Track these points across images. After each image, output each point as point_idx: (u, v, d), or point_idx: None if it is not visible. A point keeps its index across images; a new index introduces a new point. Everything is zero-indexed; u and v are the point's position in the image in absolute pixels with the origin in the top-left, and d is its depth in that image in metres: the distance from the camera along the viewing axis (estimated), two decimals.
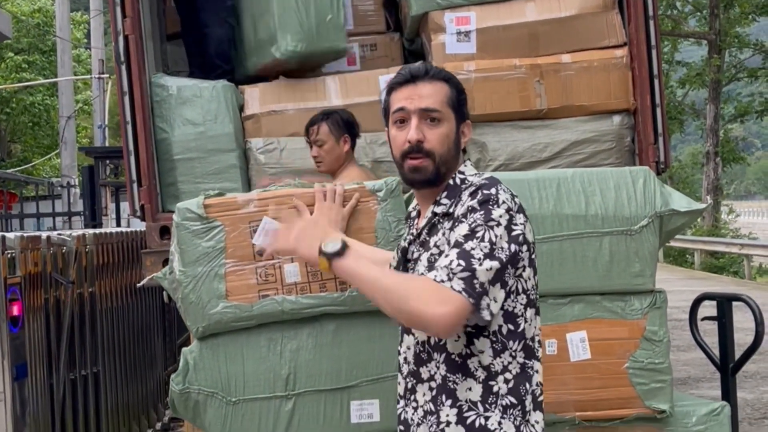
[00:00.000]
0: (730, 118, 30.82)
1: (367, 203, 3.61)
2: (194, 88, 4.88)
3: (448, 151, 2.63)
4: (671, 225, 3.94)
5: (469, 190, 2.56)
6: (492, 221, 2.43)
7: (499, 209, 2.46)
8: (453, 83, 2.70)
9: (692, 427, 3.95)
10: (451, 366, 2.50)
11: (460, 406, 2.48)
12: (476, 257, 2.37)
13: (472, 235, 2.40)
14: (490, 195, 2.48)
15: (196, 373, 3.54)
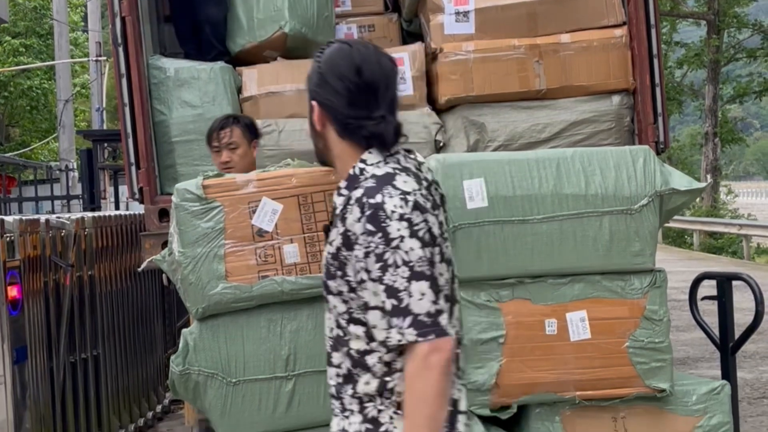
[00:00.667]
0: (728, 99, 30.76)
1: None
2: (192, 69, 4.86)
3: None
4: (671, 204, 3.94)
5: (356, 193, 2.38)
6: (393, 240, 2.30)
7: (393, 222, 2.31)
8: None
9: (692, 406, 3.95)
10: (353, 360, 2.44)
11: (359, 398, 2.44)
12: (401, 290, 2.28)
13: (386, 266, 2.29)
14: (376, 209, 2.32)
15: (196, 354, 3.54)
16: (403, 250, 2.30)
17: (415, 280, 2.29)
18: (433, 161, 3.89)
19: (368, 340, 2.42)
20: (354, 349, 2.44)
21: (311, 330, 3.55)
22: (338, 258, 2.40)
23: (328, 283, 2.45)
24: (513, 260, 3.84)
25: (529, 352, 3.83)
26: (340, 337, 2.46)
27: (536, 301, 3.87)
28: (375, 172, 2.42)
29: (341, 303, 2.44)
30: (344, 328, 2.45)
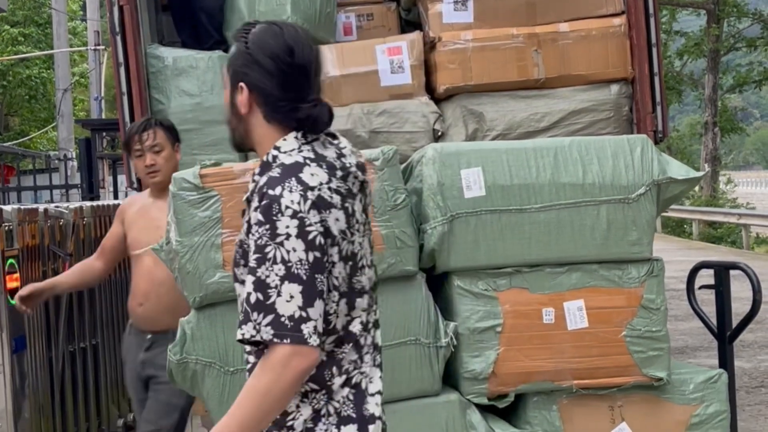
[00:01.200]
0: (728, 88, 30.74)
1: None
2: (190, 59, 4.86)
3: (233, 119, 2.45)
4: (669, 193, 3.94)
5: (261, 181, 2.31)
6: (279, 236, 2.20)
7: (284, 218, 2.21)
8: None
9: (689, 395, 3.96)
10: (258, 356, 2.32)
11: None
12: (272, 286, 2.19)
13: (264, 259, 2.20)
14: (272, 201, 2.23)
15: (194, 343, 3.54)
16: (285, 249, 2.20)
17: (288, 281, 2.19)
18: (431, 150, 3.89)
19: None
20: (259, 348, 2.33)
21: None
22: (243, 246, 2.34)
23: (234, 271, 2.41)
24: (510, 249, 3.85)
25: (527, 341, 3.84)
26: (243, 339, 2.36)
27: (534, 290, 3.87)
28: (284, 161, 2.33)
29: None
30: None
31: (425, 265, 3.85)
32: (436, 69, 4.83)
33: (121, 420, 7.02)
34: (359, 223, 2.37)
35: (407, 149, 4.71)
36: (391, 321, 3.57)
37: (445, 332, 3.74)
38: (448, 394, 3.82)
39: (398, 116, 4.81)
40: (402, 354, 3.65)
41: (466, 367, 3.81)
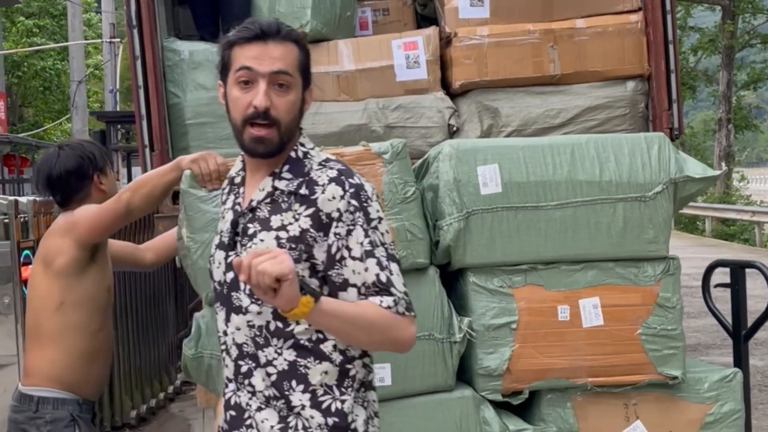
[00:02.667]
0: (742, 85, 30.65)
1: (374, 165, 3.64)
2: (206, 52, 4.86)
3: (293, 121, 2.40)
4: (685, 191, 3.93)
5: (327, 173, 2.36)
6: (373, 221, 2.33)
7: (373, 203, 2.36)
8: (302, 45, 2.44)
9: (704, 394, 3.95)
10: (302, 350, 2.35)
11: (313, 391, 2.35)
12: (384, 266, 2.31)
13: (372, 242, 2.31)
14: (358, 188, 2.34)
15: (209, 338, 3.55)
16: (380, 232, 2.34)
17: (392, 261, 2.33)
18: (447, 147, 3.89)
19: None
20: (304, 339, 2.35)
21: None
22: (303, 241, 2.31)
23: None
24: (526, 246, 3.84)
25: (542, 338, 3.83)
26: (279, 330, 2.36)
27: (549, 288, 3.86)
28: (327, 156, 2.45)
29: None
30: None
31: (440, 262, 3.84)
32: (452, 64, 4.82)
33: (135, 411, 7.06)
34: None
35: (422, 144, 4.71)
36: None
37: (459, 327, 3.74)
38: (462, 389, 3.82)
39: (413, 111, 4.81)
40: (415, 349, 3.61)
41: (481, 363, 3.80)
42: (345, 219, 2.30)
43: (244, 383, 2.41)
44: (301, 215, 2.33)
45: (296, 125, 2.42)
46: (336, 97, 4.84)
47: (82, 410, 3.55)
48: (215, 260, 2.50)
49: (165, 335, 7.94)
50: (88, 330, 3.55)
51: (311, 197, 2.33)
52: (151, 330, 7.54)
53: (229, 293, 2.43)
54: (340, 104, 4.83)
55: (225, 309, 2.46)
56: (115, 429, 6.89)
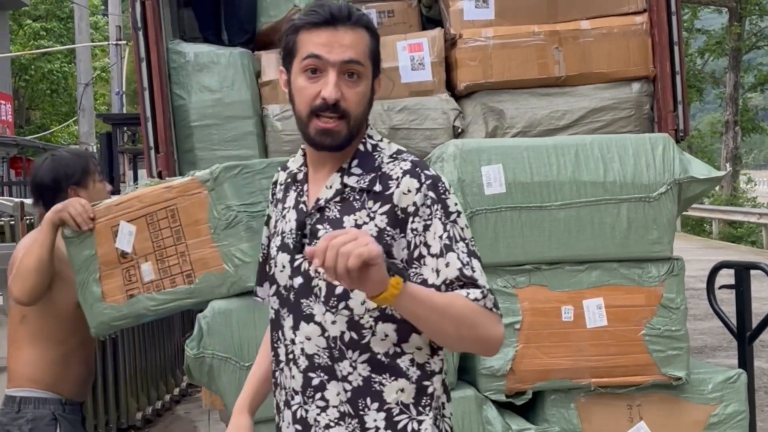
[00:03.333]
0: (749, 87, 30.59)
1: (200, 194, 3.66)
2: (211, 54, 4.87)
3: (363, 113, 2.23)
4: (690, 192, 3.93)
5: (400, 166, 2.20)
6: (452, 214, 2.15)
7: (451, 196, 2.18)
8: (373, 31, 2.27)
9: (708, 395, 3.95)
10: (377, 366, 2.17)
11: (389, 410, 2.17)
12: (465, 263, 2.11)
13: (450, 237, 2.12)
14: (435, 181, 2.17)
15: (210, 338, 3.57)
16: (460, 226, 2.16)
17: (473, 257, 2.13)
18: (452, 147, 3.89)
19: (398, 339, 2.18)
20: (380, 353, 2.17)
21: None
22: (381, 240, 2.12)
23: None
24: (530, 246, 3.85)
25: (545, 339, 3.84)
26: (354, 341, 2.18)
27: (553, 288, 3.87)
28: (399, 147, 2.28)
29: None
30: (368, 328, 2.17)
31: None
32: (457, 66, 4.83)
33: (140, 413, 7.07)
34: None
35: (427, 146, 4.71)
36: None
37: None
38: (464, 389, 3.83)
39: (418, 113, 4.81)
40: None
41: (484, 363, 3.81)
42: (422, 213, 2.13)
43: (314, 397, 2.22)
44: (376, 213, 2.16)
45: (365, 117, 2.25)
46: None
47: (66, 410, 3.63)
48: (278, 263, 2.32)
49: (170, 337, 7.96)
50: (57, 338, 3.66)
51: (386, 193, 2.16)
52: (156, 332, 7.55)
53: (297, 299, 2.24)
54: None
55: (293, 316, 2.26)
56: (121, 431, 6.90)
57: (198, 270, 3.61)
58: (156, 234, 3.64)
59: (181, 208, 3.63)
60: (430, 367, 2.22)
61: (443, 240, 2.11)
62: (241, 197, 3.69)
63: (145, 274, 3.64)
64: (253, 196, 3.69)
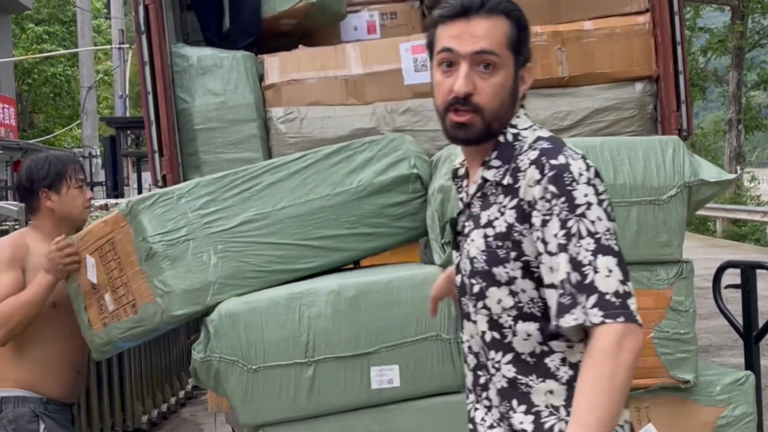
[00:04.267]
0: (752, 85, 30.55)
1: (125, 227, 3.66)
2: (214, 57, 4.87)
3: (502, 105, 2.14)
4: (700, 195, 3.91)
5: (528, 156, 2.08)
6: (579, 207, 1.98)
7: (581, 186, 2.00)
8: (514, 17, 2.18)
9: (716, 396, 3.93)
10: (523, 366, 2.08)
11: (537, 412, 2.06)
12: (585, 263, 1.95)
13: (569, 234, 1.97)
14: (560, 170, 2.01)
15: (217, 341, 3.55)
16: (589, 219, 1.98)
17: (602, 254, 1.96)
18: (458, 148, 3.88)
19: (543, 338, 2.07)
20: (525, 353, 2.08)
21: (330, 316, 3.54)
22: (510, 237, 2.06)
23: (493, 272, 2.09)
24: None
25: None
26: (496, 341, 2.11)
27: None
28: (540, 134, 2.16)
29: (508, 296, 2.09)
30: (508, 328, 2.09)
31: (446, 263, 3.82)
32: None
33: (146, 416, 7.07)
34: None
35: (431, 147, 4.70)
36: (411, 317, 3.57)
37: None
38: None
39: (422, 114, 4.80)
40: (424, 350, 3.64)
41: None
42: (540, 207, 2.01)
43: (482, 396, 2.18)
44: (506, 208, 2.08)
45: (507, 109, 2.16)
46: (344, 101, 4.85)
47: (48, 409, 3.66)
48: (453, 260, 2.31)
49: (176, 340, 7.95)
50: (37, 339, 3.69)
51: (515, 186, 2.08)
52: (161, 335, 7.54)
53: (460, 297, 2.24)
54: (349, 108, 4.83)
55: (461, 314, 2.27)
56: None
57: (138, 300, 3.65)
58: (107, 266, 3.70)
59: (117, 241, 3.66)
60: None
61: (558, 238, 1.98)
62: (158, 227, 3.62)
63: (108, 303, 3.71)
64: (174, 222, 3.63)
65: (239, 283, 3.63)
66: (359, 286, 3.59)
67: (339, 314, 3.55)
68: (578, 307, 1.94)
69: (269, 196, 3.74)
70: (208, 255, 3.61)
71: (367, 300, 3.57)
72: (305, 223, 3.73)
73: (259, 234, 3.68)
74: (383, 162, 3.88)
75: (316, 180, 3.81)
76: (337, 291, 3.57)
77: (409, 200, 3.90)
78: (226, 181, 3.74)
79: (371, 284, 3.60)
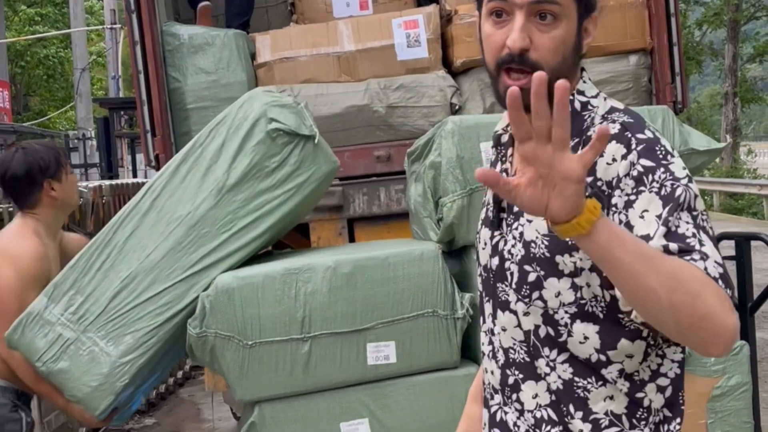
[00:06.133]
0: (748, 58, 30.51)
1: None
2: (206, 35, 4.85)
3: (563, 62, 1.81)
4: (690, 164, 3.90)
5: (612, 129, 1.75)
6: (683, 179, 1.69)
7: (676, 159, 1.72)
8: None
9: (711, 367, 3.94)
10: (580, 367, 1.80)
11: (595, 420, 1.80)
12: (689, 236, 1.63)
13: (676, 205, 1.65)
14: (653, 143, 1.73)
15: (213, 317, 3.54)
16: (693, 193, 1.68)
17: (702, 231, 1.65)
18: (450, 123, 3.87)
19: (602, 345, 1.78)
20: (580, 356, 1.80)
21: (326, 292, 3.54)
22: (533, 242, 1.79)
23: (555, 260, 1.78)
24: None
25: None
26: (551, 338, 1.82)
27: None
28: (613, 104, 1.86)
29: (569, 289, 1.77)
30: (564, 326, 1.80)
31: (443, 239, 3.83)
32: (453, 42, 4.80)
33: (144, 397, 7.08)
34: None
35: (424, 123, 4.69)
36: (408, 293, 3.57)
37: (461, 303, 3.72)
38: (468, 367, 3.80)
39: (415, 90, 4.79)
40: (420, 326, 3.64)
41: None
42: (624, 186, 1.69)
43: (512, 398, 1.90)
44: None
45: (569, 67, 1.84)
46: (337, 78, 4.84)
47: (21, 400, 3.61)
48: (481, 239, 1.99)
49: None
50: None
51: (595, 169, 1.74)
52: None
53: (495, 284, 1.92)
54: (342, 85, 4.82)
55: (492, 302, 1.95)
56: None
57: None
58: None
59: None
60: (639, 375, 1.80)
61: (653, 212, 1.65)
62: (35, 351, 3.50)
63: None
64: (46, 337, 3.49)
65: (141, 351, 3.50)
66: (356, 262, 3.58)
67: (335, 290, 3.54)
68: (702, 261, 1.60)
69: (130, 253, 3.54)
70: (95, 346, 3.48)
71: (363, 276, 3.56)
72: (178, 255, 3.52)
73: (135, 297, 3.50)
74: (237, 138, 3.60)
75: (170, 205, 3.57)
76: (333, 267, 3.57)
77: (285, 158, 3.61)
78: (81, 264, 3.54)
79: (368, 260, 3.59)
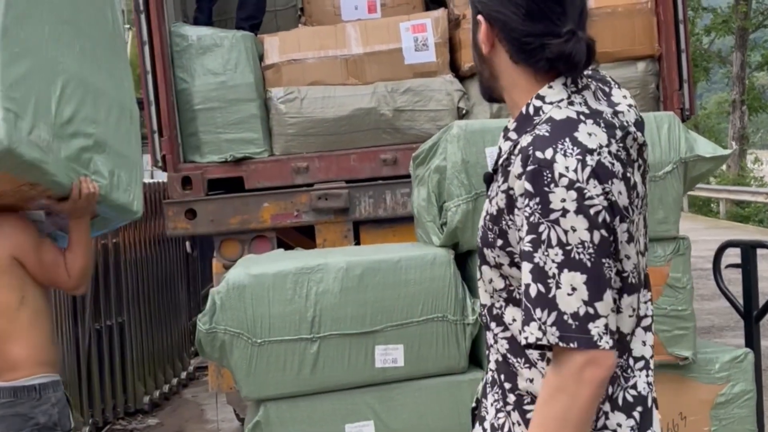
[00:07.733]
0: (756, 66, 30.44)
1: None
2: (214, 37, 4.86)
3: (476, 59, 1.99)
4: (696, 171, 3.90)
5: (526, 138, 1.80)
6: (554, 212, 1.71)
7: (559, 189, 1.71)
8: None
9: (715, 374, 3.93)
10: (514, 345, 1.90)
11: (519, 395, 1.90)
12: (550, 275, 1.70)
13: (538, 241, 1.72)
14: (542, 166, 1.73)
15: (223, 314, 3.55)
16: (562, 228, 1.71)
17: (568, 269, 1.70)
18: (456, 128, 3.87)
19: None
20: (514, 336, 1.89)
21: (337, 293, 3.55)
22: (499, 223, 1.85)
23: (483, 251, 1.90)
24: None
25: None
26: (498, 317, 1.93)
27: None
28: (553, 115, 1.80)
29: (499, 278, 1.89)
30: (499, 308, 1.92)
31: (447, 244, 3.83)
32: (461, 47, 4.80)
33: (147, 397, 7.08)
34: (638, 198, 1.85)
35: (431, 127, 4.70)
36: (419, 297, 3.59)
37: (472, 309, 3.73)
38: (475, 372, 3.80)
39: (422, 94, 4.80)
40: (429, 330, 3.65)
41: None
42: (520, 204, 1.78)
43: (488, 357, 2.02)
44: (499, 191, 1.85)
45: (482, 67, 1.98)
46: (344, 81, 4.84)
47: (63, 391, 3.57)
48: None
49: (177, 321, 7.96)
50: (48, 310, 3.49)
51: (508, 168, 1.82)
52: (163, 316, 7.56)
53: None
54: (349, 88, 4.83)
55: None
56: (129, 415, 6.92)
57: None
58: None
59: None
60: None
61: (525, 243, 1.74)
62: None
63: None
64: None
65: None
66: (368, 264, 3.59)
67: (346, 291, 3.55)
68: (534, 324, 1.72)
69: None
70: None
71: (374, 278, 3.57)
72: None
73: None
74: None
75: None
76: (345, 268, 3.58)
77: None
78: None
79: (380, 263, 3.60)
